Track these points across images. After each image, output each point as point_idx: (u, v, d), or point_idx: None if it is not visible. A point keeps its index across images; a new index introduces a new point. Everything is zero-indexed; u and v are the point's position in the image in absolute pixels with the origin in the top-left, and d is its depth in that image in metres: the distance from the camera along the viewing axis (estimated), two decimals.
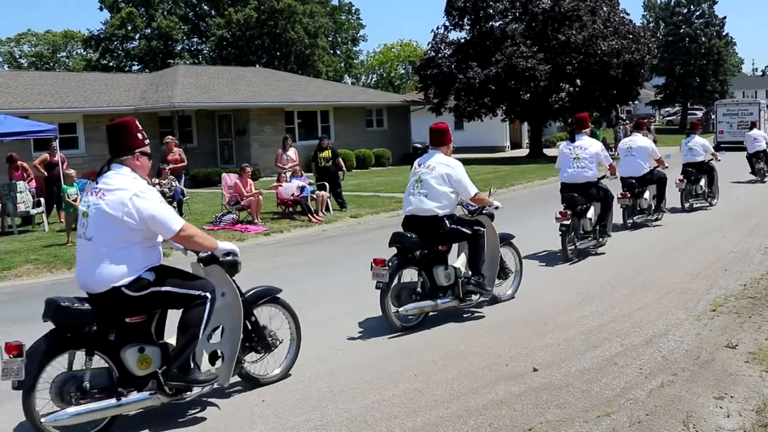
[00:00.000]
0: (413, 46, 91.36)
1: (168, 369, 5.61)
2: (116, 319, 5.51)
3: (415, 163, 8.68)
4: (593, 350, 7.05)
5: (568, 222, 11.25)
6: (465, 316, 8.49)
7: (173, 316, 5.78)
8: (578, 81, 38.01)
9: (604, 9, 38.38)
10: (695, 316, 8.09)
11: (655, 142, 33.57)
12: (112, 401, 5.39)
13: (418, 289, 8.13)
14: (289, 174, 18.60)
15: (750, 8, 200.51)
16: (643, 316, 8.21)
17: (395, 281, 8.04)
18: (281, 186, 17.90)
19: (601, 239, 12.24)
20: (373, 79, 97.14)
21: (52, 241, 14.98)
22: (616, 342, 7.27)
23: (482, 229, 8.49)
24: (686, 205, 16.94)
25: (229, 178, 17.79)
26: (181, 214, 18.06)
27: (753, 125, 25.36)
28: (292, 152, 19.77)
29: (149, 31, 70.10)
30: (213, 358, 5.93)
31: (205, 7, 72.67)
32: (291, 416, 5.75)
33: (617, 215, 13.75)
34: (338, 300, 9.72)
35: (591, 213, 11.95)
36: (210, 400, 6.14)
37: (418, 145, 41.95)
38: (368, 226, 17.19)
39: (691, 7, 73.13)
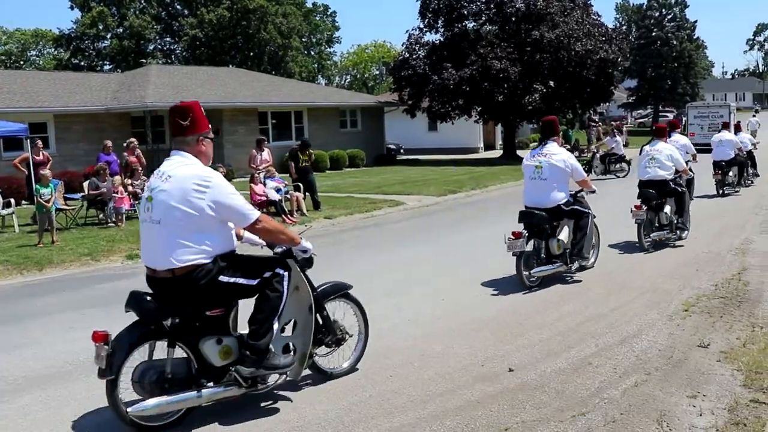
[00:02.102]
0: (387, 47, 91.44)
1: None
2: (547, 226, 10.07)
3: (647, 148, 13.61)
4: (568, 350, 7.09)
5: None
6: (440, 315, 8.51)
7: None
8: (551, 82, 38.21)
9: (577, 11, 38.61)
10: (668, 316, 8.16)
11: (626, 145, 33.96)
12: None
13: (656, 224, 12.77)
14: (262, 175, 18.53)
15: (720, 13, 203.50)
16: (618, 316, 8.28)
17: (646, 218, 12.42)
18: (256, 191, 17.73)
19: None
20: (347, 80, 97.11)
21: (23, 242, 14.82)
22: (591, 342, 7.32)
23: (685, 188, 13.31)
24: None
25: None
26: None
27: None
28: (266, 153, 19.72)
29: (121, 30, 69.68)
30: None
31: (178, 7, 72.32)
32: (267, 417, 5.72)
33: (711, 188, 20.03)
34: None
35: (670, 206, 15.31)
36: None
37: (392, 146, 42.26)
38: (342, 227, 17.17)
39: (663, 10, 73.90)
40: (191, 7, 69.40)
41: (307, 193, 18.87)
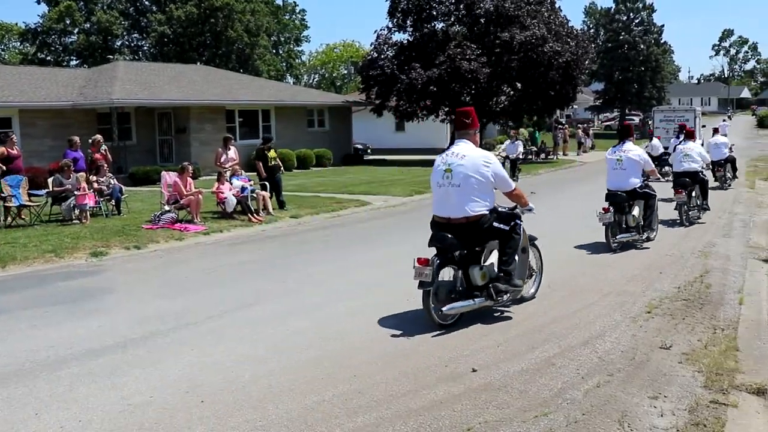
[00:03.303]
0: (356, 46, 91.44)
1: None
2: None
3: (680, 147, 16.84)
4: (531, 351, 7.13)
5: (684, 198, 15.74)
6: (404, 316, 8.52)
7: None
8: (519, 84, 38.39)
9: (545, 12, 38.84)
10: (631, 318, 8.24)
11: (593, 147, 34.33)
12: None
13: (692, 205, 15.93)
14: (228, 173, 18.43)
15: (686, 18, 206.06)
16: (581, 317, 8.34)
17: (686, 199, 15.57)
18: (223, 193, 17.59)
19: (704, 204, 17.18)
20: (315, 79, 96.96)
21: None
22: (554, 343, 7.37)
23: (707, 178, 16.79)
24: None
25: (169, 177, 17.56)
26: (119, 212, 17.81)
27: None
28: (232, 152, 19.61)
29: (88, 25, 69.01)
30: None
31: (146, 3, 71.75)
32: (230, 417, 5.69)
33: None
34: (278, 300, 9.66)
35: (696, 192, 16.56)
36: (151, 398, 6.07)
37: (359, 146, 42.25)
38: (308, 226, 17.14)
39: (631, 14, 74.61)
40: (159, 4, 68.88)
41: (272, 193, 18.79)
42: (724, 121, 49.35)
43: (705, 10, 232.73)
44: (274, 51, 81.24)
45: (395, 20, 40.23)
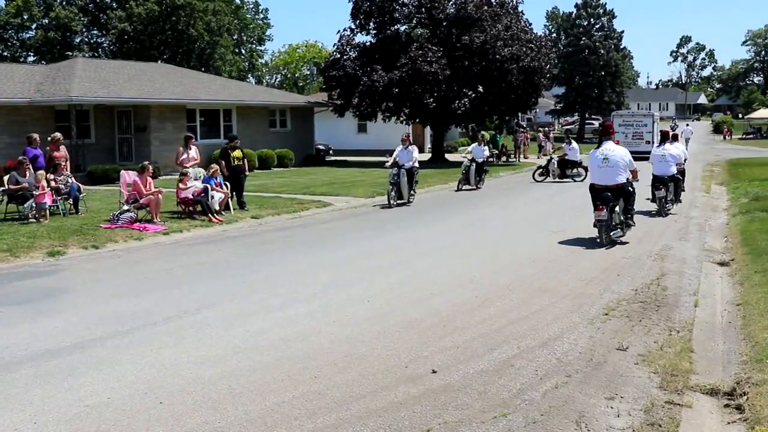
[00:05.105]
0: (319, 47, 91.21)
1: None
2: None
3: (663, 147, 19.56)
4: (491, 352, 7.18)
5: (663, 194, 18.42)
6: (365, 317, 8.53)
7: None
8: (480, 87, 38.61)
9: (507, 17, 39.13)
10: (589, 320, 8.33)
11: (554, 150, 34.68)
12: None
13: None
14: (192, 171, 18.28)
15: (646, 24, 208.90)
16: (539, 319, 8.41)
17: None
18: (183, 191, 17.46)
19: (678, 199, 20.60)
20: (278, 79, 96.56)
21: None
22: (513, 344, 7.42)
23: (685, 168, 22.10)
24: None
25: (128, 176, 17.37)
26: (77, 211, 17.58)
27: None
28: (194, 151, 19.45)
29: (47, 21, 68.02)
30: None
31: None
32: (189, 418, 5.66)
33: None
34: (238, 301, 9.61)
35: (671, 188, 18.97)
36: (109, 399, 6.01)
37: (321, 147, 42.16)
38: (269, 227, 17.07)
39: (591, 20, 75.26)
40: (120, 0, 68.12)
41: (233, 193, 18.66)
42: (687, 125, 50.05)
43: (664, 16, 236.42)
44: (236, 50, 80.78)
45: (358, 22, 40.28)
